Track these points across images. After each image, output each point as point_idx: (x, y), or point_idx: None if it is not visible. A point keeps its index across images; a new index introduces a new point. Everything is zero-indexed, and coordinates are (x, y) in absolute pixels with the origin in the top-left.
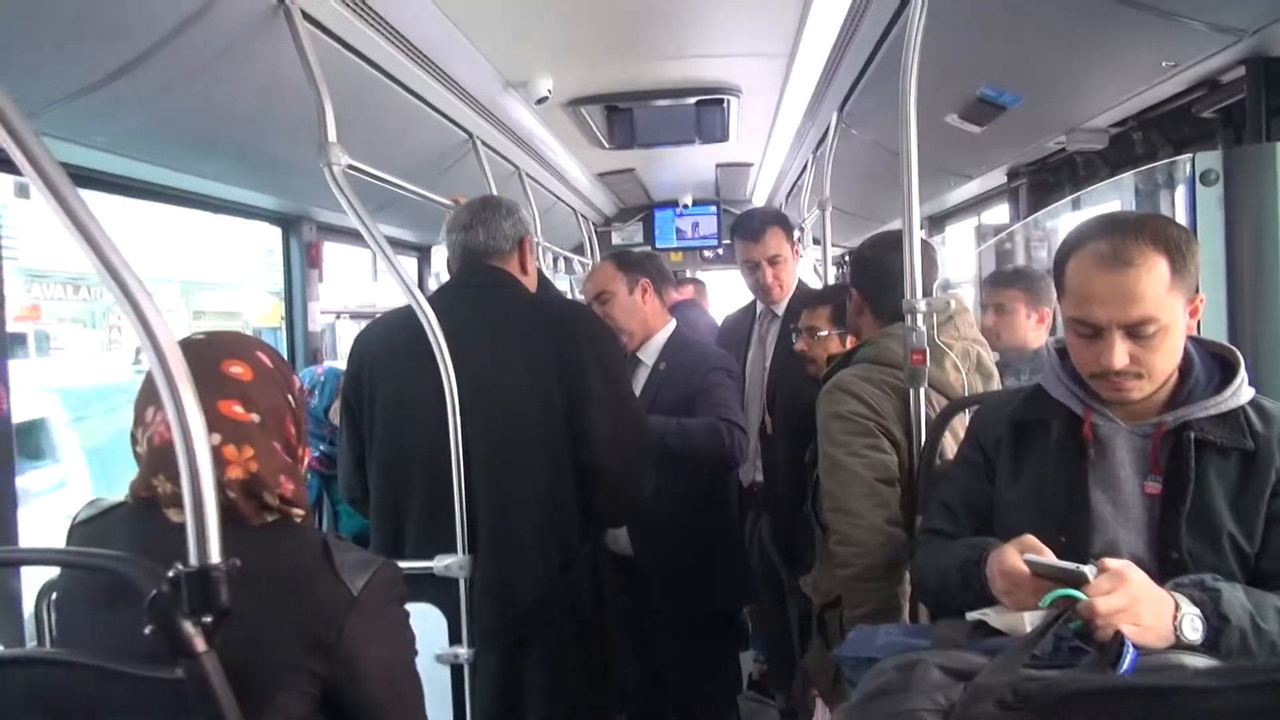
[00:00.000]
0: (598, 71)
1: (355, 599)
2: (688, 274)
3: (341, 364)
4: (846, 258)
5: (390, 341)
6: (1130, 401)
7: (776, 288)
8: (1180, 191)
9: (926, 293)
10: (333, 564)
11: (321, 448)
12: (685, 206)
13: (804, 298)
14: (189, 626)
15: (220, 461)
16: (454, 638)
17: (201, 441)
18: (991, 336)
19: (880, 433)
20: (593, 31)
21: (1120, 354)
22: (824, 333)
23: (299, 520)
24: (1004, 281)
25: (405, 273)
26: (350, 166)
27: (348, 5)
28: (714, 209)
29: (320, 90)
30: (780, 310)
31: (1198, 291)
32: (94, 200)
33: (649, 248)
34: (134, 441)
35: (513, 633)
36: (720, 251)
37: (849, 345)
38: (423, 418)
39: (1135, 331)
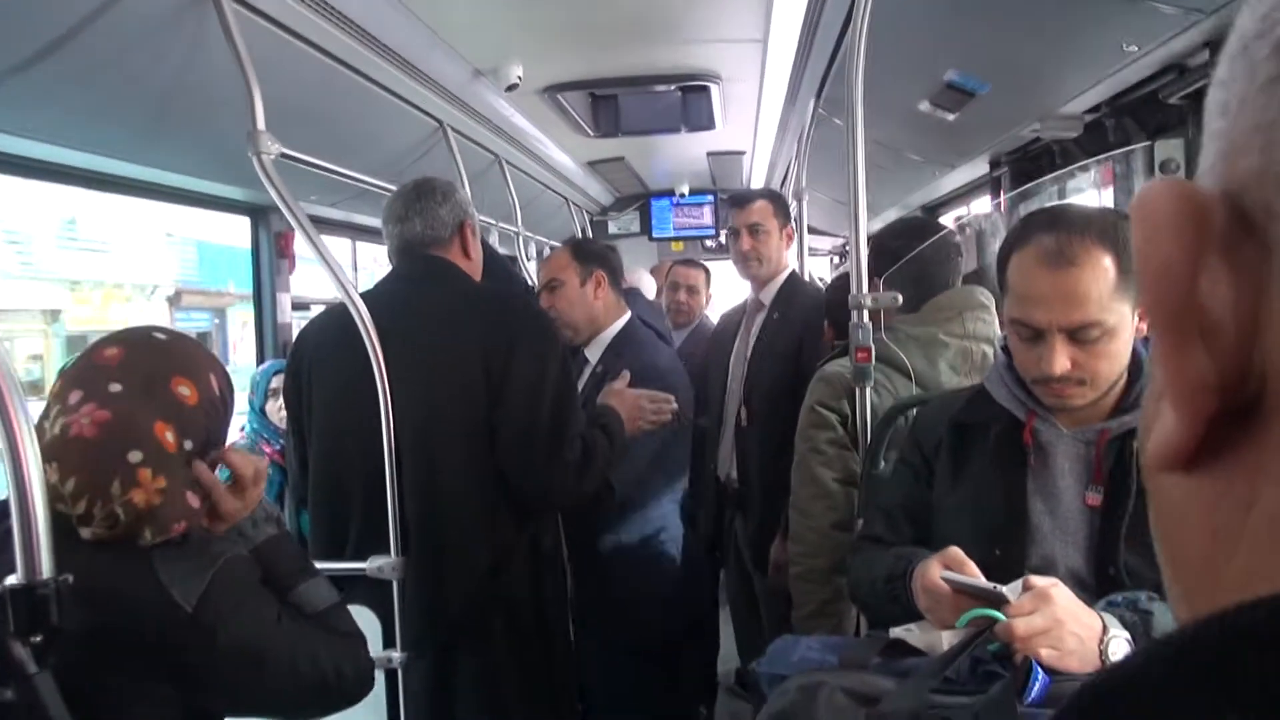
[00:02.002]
0: (572, 58)
1: (191, 616)
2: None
3: (277, 360)
4: (848, 248)
5: (327, 338)
6: (1073, 408)
7: (754, 259)
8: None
9: (948, 284)
10: (160, 580)
11: (282, 441)
12: (682, 195)
13: (796, 291)
14: (18, 647)
15: (131, 481)
16: (388, 641)
17: (31, 450)
18: None
19: (847, 427)
20: (562, 16)
21: (1061, 359)
22: None
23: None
24: None
25: (339, 266)
26: (285, 155)
27: None
28: (711, 198)
29: (249, 76)
30: (767, 299)
31: None
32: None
33: (647, 237)
34: (43, 418)
35: (442, 638)
36: (723, 240)
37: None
38: (357, 417)
39: (1078, 335)
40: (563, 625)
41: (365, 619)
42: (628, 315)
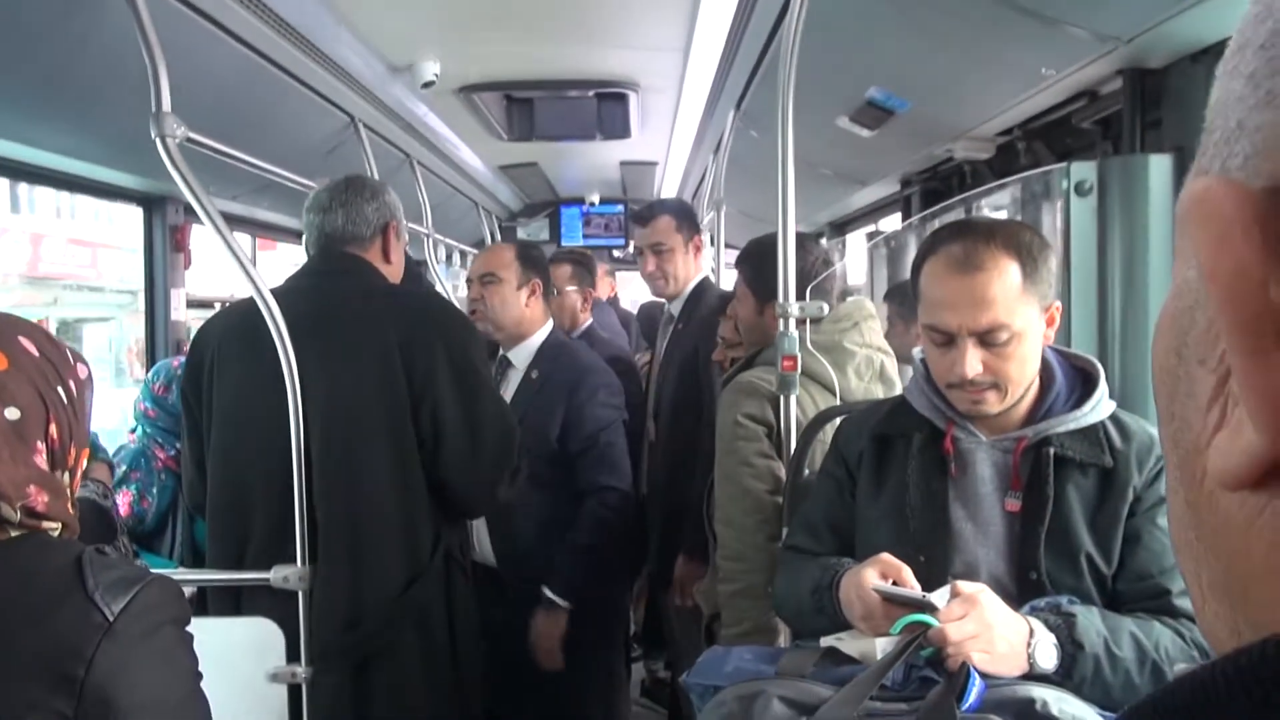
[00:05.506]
0: (490, 57)
1: (109, 625)
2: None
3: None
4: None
5: (233, 333)
6: (987, 414)
7: (660, 278)
8: (1058, 201)
9: (824, 295)
10: (85, 585)
11: (179, 445)
12: (592, 204)
13: (701, 299)
14: None
15: None
16: (292, 655)
17: None
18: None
19: (771, 438)
20: (482, 15)
21: (973, 362)
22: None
23: (54, 534)
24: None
25: (246, 258)
26: (191, 140)
27: None
28: (621, 208)
29: (154, 54)
30: (676, 310)
31: (1055, 299)
32: None
33: (555, 245)
34: None
35: (352, 652)
36: (631, 251)
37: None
38: (263, 417)
39: (987, 339)
40: (472, 642)
41: (267, 631)
42: (550, 324)
